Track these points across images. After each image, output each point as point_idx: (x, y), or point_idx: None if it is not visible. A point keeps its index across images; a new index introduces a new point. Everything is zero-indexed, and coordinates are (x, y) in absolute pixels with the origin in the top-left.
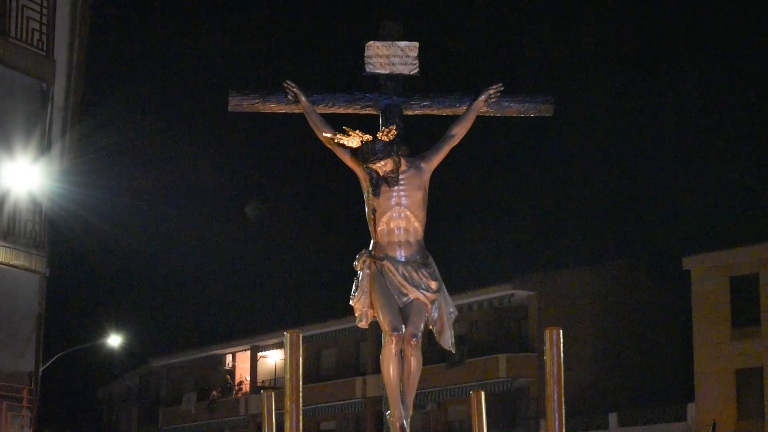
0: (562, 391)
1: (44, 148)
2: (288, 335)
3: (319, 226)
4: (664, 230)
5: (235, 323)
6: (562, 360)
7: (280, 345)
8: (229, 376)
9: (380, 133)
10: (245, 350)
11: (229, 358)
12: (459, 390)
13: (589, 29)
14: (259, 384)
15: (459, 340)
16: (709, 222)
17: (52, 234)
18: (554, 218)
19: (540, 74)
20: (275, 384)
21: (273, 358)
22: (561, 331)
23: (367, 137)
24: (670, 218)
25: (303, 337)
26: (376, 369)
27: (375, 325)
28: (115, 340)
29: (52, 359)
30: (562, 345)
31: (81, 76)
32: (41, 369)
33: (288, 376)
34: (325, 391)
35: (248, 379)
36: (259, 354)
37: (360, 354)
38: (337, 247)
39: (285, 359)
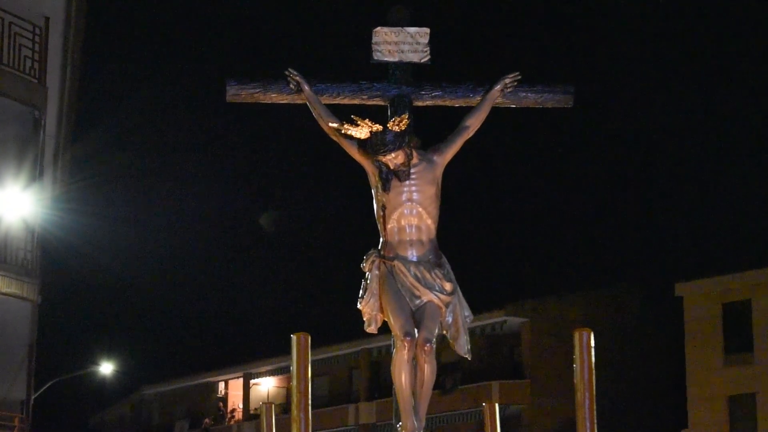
0: (594, 398)
1: (36, 175)
2: (295, 338)
3: (312, 254)
4: (657, 256)
5: (228, 351)
6: (593, 364)
7: (272, 372)
8: (221, 404)
9: (391, 123)
10: (238, 378)
11: (221, 385)
12: (452, 417)
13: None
14: (251, 411)
15: (451, 367)
16: (701, 248)
17: (44, 261)
18: (546, 244)
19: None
20: None
21: (266, 386)
22: (591, 333)
23: (377, 127)
24: (662, 244)
25: None
26: (369, 396)
27: (367, 353)
28: (107, 368)
29: (44, 387)
30: (593, 347)
31: (73, 103)
32: (33, 397)
33: (295, 383)
34: (317, 419)
35: (241, 406)
36: (252, 381)
37: (353, 381)
38: (329, 275)
39: (292, 364)
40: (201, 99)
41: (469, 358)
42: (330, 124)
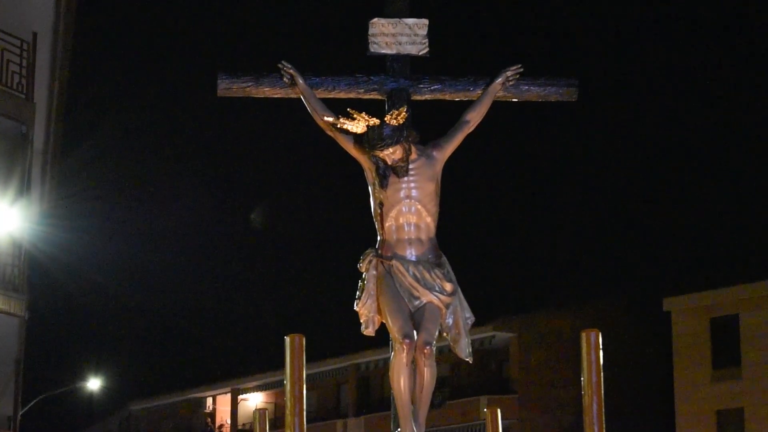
0: (602, 401)
1: (23, 190)
2: (289, 339)
3: (300, 269)
4: (644, 271)
5: (216, 366)
6: (601, 366)
7: (260, 388)
8: (209, 419)
9: (388, 117)
10: (225, 393)
11: (209, 401)
12: None
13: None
14: (239, 427)
15: (440, 382)
16: (689, 263)
17: (32, 277)
18: (534, 259)
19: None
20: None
21: (254, 401)
22: (599, 334)
23: (374, 121)
24: (649, 259)
25: (282, 380)
26: (358, 412)
27: (355, 368)
28: (94, 384)
29: (32, 403)
30: (601, 348)
31: (60, 118)
32: (20, 413)
33: (289, 387)
34: None
35: (228, 422)
36: (240, 397)
37: (341, 396)
38: (318, 290)
39: (285, 367)
40: (190, 113)
41: (470, 361)
42: (325, 119)
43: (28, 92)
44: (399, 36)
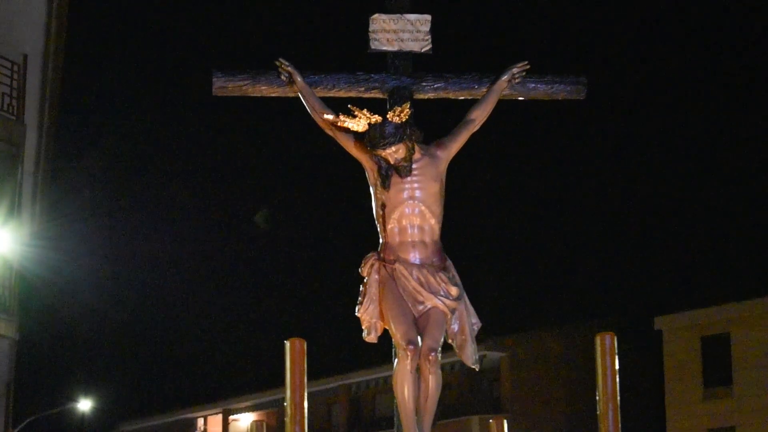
0: (618, 408)
1: (14, 212)
2: (289, 343)
3: (288, 290)
4: (635, 290)
5: (207, 386)
6: (617, 370)
7: (252, 408)
8: None
9: (391, 114)
10: (217, 414)
11: (200, 421)
12: None
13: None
14: None
15: None
16: (679, 282)
17: (22, 298)
18: (525, 279)
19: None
20: None
21: (245, 421)
22: (614, 337)
23: (376, 118)
24: (640, 279)
25: (273, 400)
26: (349, 430)
27: (346, 389)
28: (85, 405)
29: (23, 424)
30: (616, 353)
31: (51, 140)
32: None
33: (289, 394)
34: None
35: None
36: (231, 417)
37: (332, 416)
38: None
39: (285, 373)
40: (182, 134)
41: (477, 369)
42: (325, 116)
43: (18, 114)
44: (401, 32)
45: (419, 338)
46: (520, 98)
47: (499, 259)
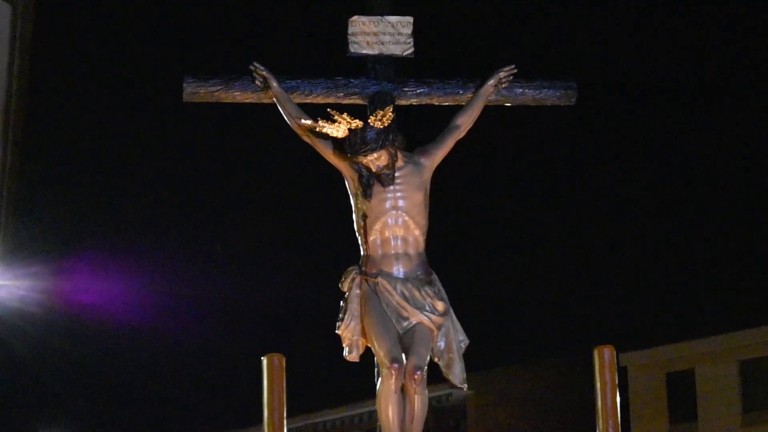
0: (619, 425)
1: None
2: (266, 360)
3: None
4: (600, 327)
5: (182, 424)
6: (616, 385)
7: None
8: None
9: (372, 118)
10: None
11: None
12: None
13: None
14: None
15: None
16: (643, 319)
17: None
18: (490, 316)
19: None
20: None
21: None
22: (614, 350)
23: (357, 123)
24: (605, 315)
25: None
26: None
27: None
28: None
29: None
30: (616, 367)
31: (15, 177)
32: None
33: (267, 414)
34: None
35: None
36: None
37: None
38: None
39: (263, 392)
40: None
41: (465, 389)
42: (302, 122)
43: None
44: (381, 35)
45: (404, 356)
46: (507, 104)
47: (466, 295)
